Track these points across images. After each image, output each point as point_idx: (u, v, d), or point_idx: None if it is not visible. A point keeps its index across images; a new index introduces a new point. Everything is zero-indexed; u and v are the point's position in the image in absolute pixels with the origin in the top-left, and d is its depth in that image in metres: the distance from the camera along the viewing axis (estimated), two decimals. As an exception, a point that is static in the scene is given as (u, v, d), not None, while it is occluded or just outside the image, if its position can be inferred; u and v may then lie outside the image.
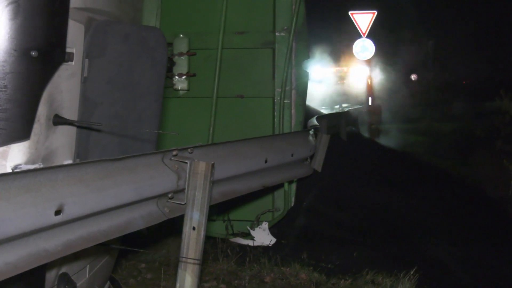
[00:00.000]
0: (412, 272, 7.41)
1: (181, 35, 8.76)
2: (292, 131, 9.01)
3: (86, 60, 4.87)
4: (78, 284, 5.01)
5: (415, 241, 9.97)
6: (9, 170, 4.10)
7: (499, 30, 44.57)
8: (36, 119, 4.24)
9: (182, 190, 5.34)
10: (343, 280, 7.45)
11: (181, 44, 8.84)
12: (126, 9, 5.82)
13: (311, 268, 7.78)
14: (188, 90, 8.86)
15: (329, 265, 7.91)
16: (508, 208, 14.03)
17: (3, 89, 4.09)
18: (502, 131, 20.46)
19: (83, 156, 4.89)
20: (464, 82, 47.11)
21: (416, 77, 48.27)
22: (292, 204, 9.19)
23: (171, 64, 8.59)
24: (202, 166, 5.36)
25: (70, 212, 4.15)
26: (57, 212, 4.04)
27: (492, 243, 10.64)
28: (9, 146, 4.11)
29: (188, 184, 5.34)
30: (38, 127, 4.26)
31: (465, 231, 11.11)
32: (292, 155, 7.94)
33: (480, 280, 8.56)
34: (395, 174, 16.08)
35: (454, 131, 27.20)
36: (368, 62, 25.93)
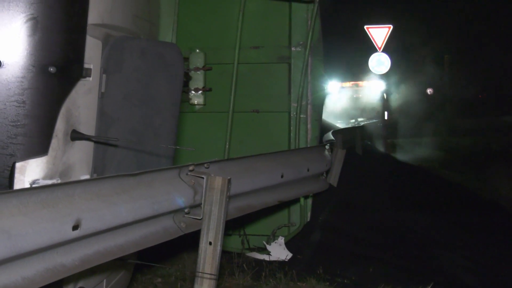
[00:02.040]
0: (429, 287, 7.39)
1: (197, 50, 8.79)
2: (308, 146, 8.99)
3: (104, 75, 4.89)
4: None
5: (431, 257, 9.93)
6: (27, 185, 4.12)
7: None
8: (54, 135, 4.25)
9: (199, 205, 5.34)
10: (362, 294, 7.44)
11: (197, 59, 8.87)
12: (143, 25, 5.84)
13: (327, 283, 7.75)
14: (204, 104, 8.89)
15: (345, 280, 7.89)
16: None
17: (22, 105, 4.11)
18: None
19: (100, 171, 4.91)
20: (480, 96, 46.96)
21: (432, 91, 48.16)
22: (308, 219, 9.18)
23: (187, 78, 8.62)
24: (218, 181, 5.36)
25: (87, 227, 4.16)
26: (75, 227, 4.05)
27: (510, 259, 10.58)
28: (27, 161, 4.13)
29: (205, 199, 5.35)
30: (56, 142, 4.27)
31: (482, 247, 11.04)
32: (308, 170, 7.93)
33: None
34: (411, 189, 16.05)
35: (470, 145, 27.11)
36: (384, 76, 25.83)
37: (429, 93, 47.96)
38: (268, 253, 8.86)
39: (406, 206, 13.40)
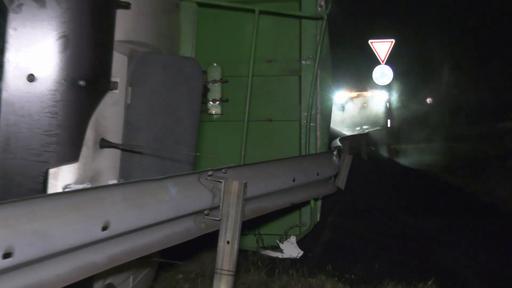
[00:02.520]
0: (429, 283, 7.37)
1: (215, 64, 8.82)
2: (318, 152, 8.99)
3: (129, 88, 4.91)
4: (124, 293, 5.04)
5: (432, 254, 9.91)
6: (60, 190, 4.14)
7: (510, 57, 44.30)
8: (84, 143, 4.28)
9: (217, 207, 5.36)
10: (367, 288, 7.43)
11: (215, 72, 8.89)
12: (165, 41, 5.87)
13: (336, 279, 7.75)
14: (221, 114, 8.91)
15: (352, 276, 7.87)
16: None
17: (54, 116, 4.14)
18: (515, 152, 20.40)
19: (127, 176, 4.93)
20: (477, 104, 46.79)
21: (431, 100, 48.07)
22: (318, 220, 9.16)
23: (205, 90, 8.62)
24: (235, 185, 5.37)
25: (115, 228, 4.18)
26: (104, 228, 4.07)
27: (506, 255, 10.56)
28: (59, 167, 4.16)
29: (223, 202, 5.36)
30: (86, 150, 4.30)
31: (480, 245, 11.01)
32: (317, 174, 7.94)
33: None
34: (413, 192, 15.99)
35: (468, 150, 27.01)
36: (387, 86, 25.82)
37: (428, 102, 47.87)
38: (281, 251, 8.86)
39: (409, 207, 13.36)
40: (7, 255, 3.35)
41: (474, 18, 47.06)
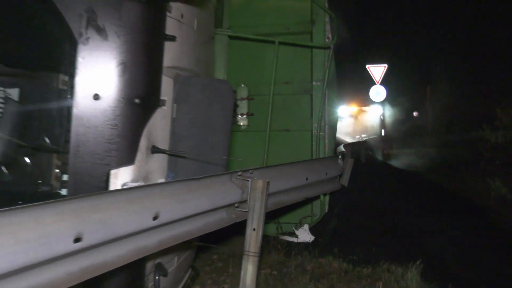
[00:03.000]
0: (418, 263, 7.33)
1: (242, 85, 8.82)
2: (326, 156, 8.97)
3: (175, 105, 4.93)
4: (169, 271, 5.05)
5: (420, 240, 9.88)
6: (119, 187, 4.16)
7: (481, 78, 44.10)
8: (139, 149, 4.30)
9: (245, 201, 5.34)
10: (365, 268, 7.38)
11: (243, 92, 8.89)
12: (203, 67, 5.88)
13: (341, 259, 7.73)
14: (248, 125, 8.91)
15: (354, 257, 7.84)
16: (489, 213, 13.82)
17: (115, 127, 4.16)
18: (484, 155, 20.25)
19: (172, 176, 4.94)
20: (455, 117, 46.53)
21: (417, 114, 47.90)
22: (326, 211, 9.13)
23: (235, 106, 8.64)
24: (260, 183, 5.37)
25: (163, 218, 4.19)
26: (154, 218, 4.08)
27: (477, 240, 10.52)
28: (119, 169, 4.17)
29: (250, 197, 5.35)
30: (140, 155, 4.32)
31: (457, 232, 10.96)
32: (326, 174, 7.91)
33: (467, 267, 8.45)
34: (403, 188, 15.95)
35: (447, 154, 26.83)
36: (381, 103, 25.68)
37: (415, 115, 47.70)
38: (296, 236, 8.84)
39: (400, 202, 13.31)
40: (77, 240, 3.37)
41: (449, 48, 47.01)
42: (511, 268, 8.75)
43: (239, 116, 8.94)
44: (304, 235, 8.84)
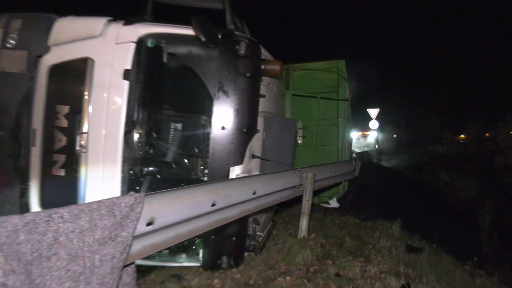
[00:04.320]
0: (398, 220, 7.08)
1: (299, 121, 8.76)
2: (345, 160, 8.80)
3: (264, 132, 4.93)
4: (260, 222, 5.00)
5: (398, 206, 9.57)
6: (234, 176, 4.18)
7: (433, 116, 42.35)
8: (245, 156, 4.30)
9: (302, 184, 5.31)
10: (368, 222, 7.17)
11: (299, 124, 8.81)
12: (279, 110, 5.87)
13: (355, 217, 7.54)
14: (302, 142, 8.83)
15: (362, 216, 7.65)
16: (438, 192, 13.36)
17: (232, 144, 4.18)
18: (436, 159, 19.59)
19: (263, 172, 4.93)
20: (418, 137, 45.08)
21: (396, 136, 46.70)
22: (346, 190, 8.96)
23: (296, 133, 8.60)
24: (310, 175, 5.31)
25: (258, 193, 4.18)
26: (254, 193, 4.08)
27: (431, 207, 10.14)
28: (234, 167, 4.19)
29: (304, 182, 5.31)
30: (245, 159, 4.32)
31: (420, 202, 10.60)
32: (346, 169, 7.78)
33: (425, 221, 8.12)
34: (388, 178, 15.48)
35: (413, 160, 25.89)
36: (376, 130, 25.01)
37: (394, 136, 46.50)
38: (329, 204, 8.68)
39: (387, 184, 12.97)
40: (213, 205, 3.40)
41: (416, 98, 45.57)
42: (448, 220, 8.43)
43: (298, 137, 8.88)
44: (334, 203, 8.67)
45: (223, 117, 4.17)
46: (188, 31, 4.14)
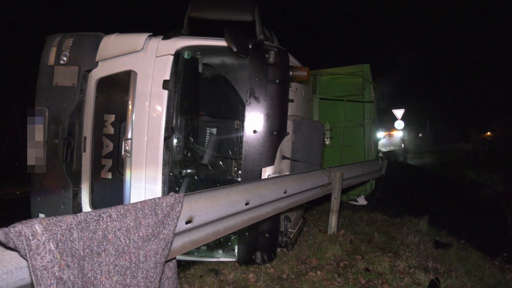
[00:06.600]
0: (426, 216, 6.85)
1: (327, 122, 8.66)
2: (372, 159, 8.63)
3: (293, 134, 4.90)
4: (291, 219, 4.98)
5: (426, 203, 9.28)
6: (266, 177, 4.17)
7: (457, 115, 40.83)
8: (276, 157, 4.28)
9: (331, 183, 5.23)
10: (396, 219, 6.98)
11: (327, 126, 8.71)
12: (307, 113, 5.82)
13: (382, 214, 7.36)
14: (330, 143, 8.71)
15: (390, 213, 7.46)
16: (465, 189, 12.84)
17: (264, 146, 4.17)
18: (461, 157, 18.87)
19: (293, 171, 4.90)
20: (444, 136, 43.53)
21: (421, 135, 45.43)
22: (373, 188, 8.78)
23: (324, 134, 8.51)
24: (338, 174, 5.23)
25: (289, 192, 4.14)
26: (285, 192, 4.05)
27: (459, 203, 9.77)
28: (266, 168, 4.18)
29: (333, 180, 5.23)
30: (276, 160, 4.30)
31: (447, 199, 10.23)
32: (373, 168, 7.61)
33: (453, 218, 7.82)
34: (415, 175, 15.09)
35: (440, 157, 25.03)
36: (402, 130, 24.33)
37: (420, 135, 45.27)
38: (357, 202, 8.52)
39: (415, 182, 12.61)
40: (247, 204, 3.40)
41: (439, 98, 44.09)
42: (475, 216, 8.13)
43: (326, 138, 8.77)
44: (361, 201, 8.51)
45: (254, 121, 4.16)
46: (221, 43, 4.19)
